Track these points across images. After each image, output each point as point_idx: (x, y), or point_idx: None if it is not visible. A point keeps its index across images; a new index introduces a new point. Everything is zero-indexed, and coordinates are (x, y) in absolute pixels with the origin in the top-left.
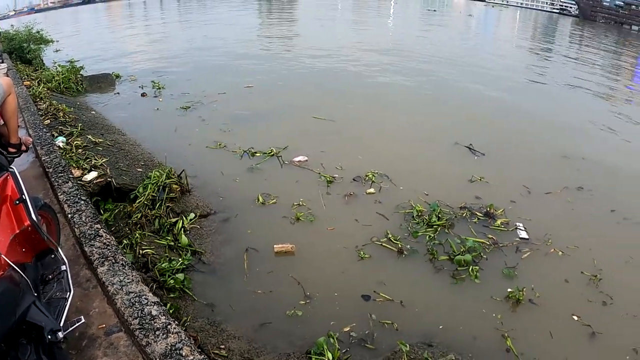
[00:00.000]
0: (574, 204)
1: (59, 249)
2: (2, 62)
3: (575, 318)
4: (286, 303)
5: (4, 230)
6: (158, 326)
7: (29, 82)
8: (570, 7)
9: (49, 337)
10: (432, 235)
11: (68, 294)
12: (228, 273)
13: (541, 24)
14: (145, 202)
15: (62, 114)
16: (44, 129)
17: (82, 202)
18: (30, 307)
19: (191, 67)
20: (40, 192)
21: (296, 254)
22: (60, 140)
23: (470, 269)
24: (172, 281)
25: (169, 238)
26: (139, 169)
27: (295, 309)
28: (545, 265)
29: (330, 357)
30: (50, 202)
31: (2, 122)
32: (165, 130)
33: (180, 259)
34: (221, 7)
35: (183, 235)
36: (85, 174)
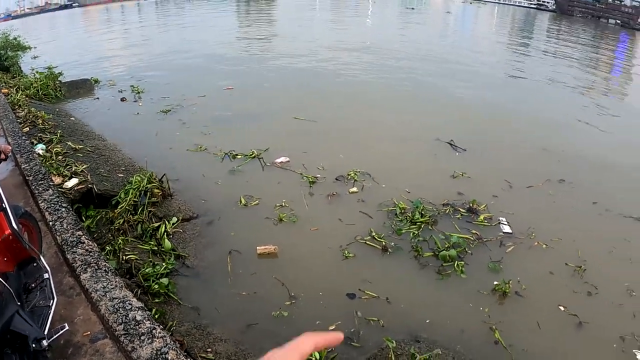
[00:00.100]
0: (555, 196)
1: (41, 257)
2: None
3: (562, 309)
4: (271, 304)
5: None
6: (143, 331)
7: (7, 90)
8: (548, 2)
9: (34, 345)
10: (416, 233)
11: (51, 302)
12: (212, 276)
13: (519, 20)
14: (127, 208)
15: (41, 121)
16: (23, 137)
17: (63, 209)
18: (13, 316)
19: (170, 71)
20: (21, 201)
21: (280, 255)
22: (39, 148)
23: (455, 264)
24: (156, 286)
25: (152, 243)
26: (120, 175)
27: (281, 310)
28: (530, 258)
29: (317, 357)
30: (31, 210)
31: None
32: (146, 135)
33: (164, 264)
34: (199, 10)
35: (166, 240)
36: (66, 181)
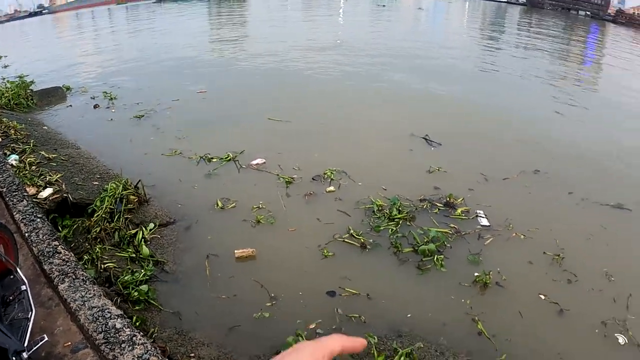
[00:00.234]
0: (531, 187)
1: (18, 269)
2: None
3: (542, 297)
4: (252, 306)
5: None
6: (123, 339)
7: None
8: None
9: (13, 358)
10: (395, 229)
11: (30, 313)
12: (191, 281)
13: (490, 14)
14: (104, 216)
15: (13, 132)
16: None
17: (39, 219)
18: None
19: (143, 76)
20: None
21: (258, 257)
22: (12, 159)
23: (435, 259)
24: (136, 293)
25: (130, 250)
26: (95, 182)
27: (262, 311)
28: (509, 249)
29: None
30: (6, 222)
31: None
32: (120, 141)
33: (142, 270)
34: (170, 13)
35: (144, 246)
36: (41, 191)
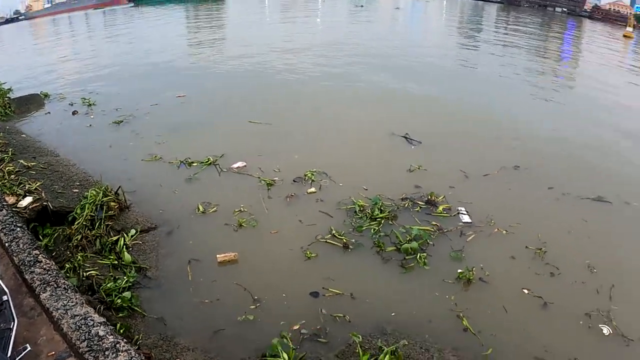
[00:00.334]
0: (512, 183)
1: None
2: None
3: (526, 292)
4: (236, 309)
5: None
6: (107, 346)
7: None
8: None
9: None
10: (377, 228)
11: (12, 324)
12: (174, 286)
13: (467, 13)
14: (84, 223)
15: None
16: None
17: (19, 229)
18: None
19: (121, 81)
20: None
21: (241, 260)
22: None
23: (418, 257)
24: (119, 300)
25: (112, 257)
26: (75, 190)
27: (246, 314)
28: (491, 245)
29: (286, 358)
30: None
31: None
32: (100, 147)
33: (125, 277)
34: (147, 18)
35: (126, 253)
36: (20, 200)
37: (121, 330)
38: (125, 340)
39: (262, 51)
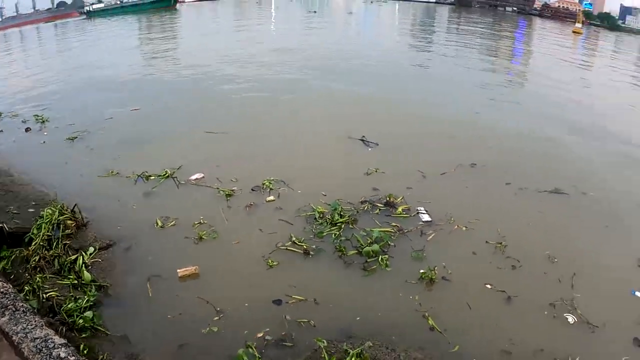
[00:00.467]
0: (469, 181)
1: None
2: None
3: (489, 286)
4: (200, 322)
5: None
6: None
7: None
8: None
9: None
10: (337, 233)
11: None
12: (136, 303)
13: (420, 15)
14: (42, 243)
15: None
16: None
17: None
18: None
19: (74, 96)
20: None
21: (202, 273)
22: None
23: (379, 259)
24: (81, 321)
25: (72, 277)
26: (30, 210)
27: (210, 326)
28: (452, 243)
29: None
30: None
31: None
32: (54, 165)
33: (86, 297)
34: (100, 30)
35: (85, 272)
36: None
37: (85, 351)
38: None
39: (216, 60)
